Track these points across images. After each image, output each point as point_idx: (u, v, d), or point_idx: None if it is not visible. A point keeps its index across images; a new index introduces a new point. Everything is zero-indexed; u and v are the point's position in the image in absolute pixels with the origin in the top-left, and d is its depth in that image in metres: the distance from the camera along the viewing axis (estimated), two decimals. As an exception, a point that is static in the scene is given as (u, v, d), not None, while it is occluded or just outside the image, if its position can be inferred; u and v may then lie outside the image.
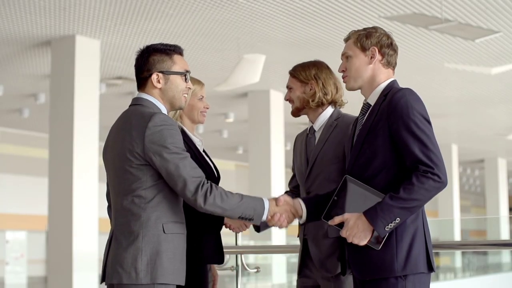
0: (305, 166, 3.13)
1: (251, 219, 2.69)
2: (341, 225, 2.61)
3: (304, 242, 3.10)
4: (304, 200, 2.85)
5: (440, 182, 2.50)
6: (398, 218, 2.49)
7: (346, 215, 2.59)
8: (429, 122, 2.59)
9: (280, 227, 2.79)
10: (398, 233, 2.55)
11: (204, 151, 3.22)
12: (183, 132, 3.10)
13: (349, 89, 2.82)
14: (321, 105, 3.13)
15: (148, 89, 2.76)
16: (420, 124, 2.55)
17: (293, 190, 3.30)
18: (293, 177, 3.30)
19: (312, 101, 3.11)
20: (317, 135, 3.13)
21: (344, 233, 2.58)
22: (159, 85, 2.75)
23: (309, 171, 3.08)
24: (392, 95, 2.62)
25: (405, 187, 2.50)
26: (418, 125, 2.54)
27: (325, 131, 3.10)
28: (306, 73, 3.14)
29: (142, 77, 2.77)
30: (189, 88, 2.82)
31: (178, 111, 3.11)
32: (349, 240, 2.58)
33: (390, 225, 2.50)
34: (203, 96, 3.19)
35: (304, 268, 3.13)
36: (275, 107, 11.88)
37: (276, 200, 2.80)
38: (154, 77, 2.74)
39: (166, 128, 2.61)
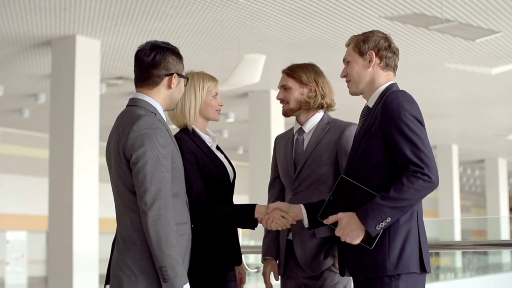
0: (292, 167, 3.13)
1: (165, 278, 2.50)
2: (336, 224, 2.63)
3: (288, 243, 3.12)
4: (306, 205, 2.87)
5: (430, 182, 2.52)
6: (389, 218, 2.51)
7: (339, 215, 2.62)
8: (421, 123, 2.60)
9: (270, 228, 2.87)
10: (390, 233, 2.57)
11: (218, 147, 3.21)
12: (193, 132, 3.09)
13: (352, 93, 2.85)
14: (319, 108, 3.15)
15: (160, 88, 2.72)
16: (412, 125, 2.56)
17: (277, 198, 3.25)
18: (274, 179, 3.29)
19: (313, 103, 3.12)
20: (307, 137, 3.14)
21: (337, 232, 2.61)
22: (173, 86, 2.73)
23: (298, 172, 3.10)
24: (386, 97, 2.65)
25: (395, 187, 2.52)
26: (409, 126, 2.56)
27: (316, 133, 3.12)
28: (307, 75, 3.13)
29: (158, 74, 2.71)
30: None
31: (197, 111, 3.07)
32: (343, 239, 2.60)
33: (381, 225, 2.52)
34: (217, 93, 3.15)
35: (287, 269, 3.14)
36: (276, 107, 11.86)
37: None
38: (173, 78, 2.72)
39: (149, 133, 2.58)
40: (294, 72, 3.16)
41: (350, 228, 2.56)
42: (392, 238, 2.56)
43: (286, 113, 3.20)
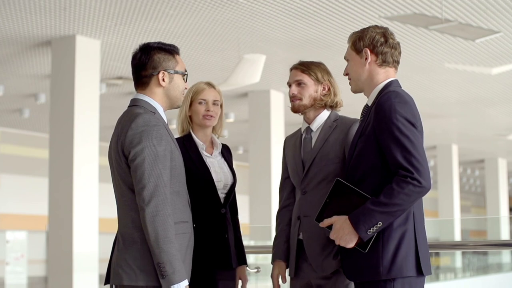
0: (300, 166, 3.10)
1: (163, 274, 2.49)
2: (331, 227, 2.62)
3: (299, 243, 3.09)
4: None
5: (421, 187, 2.48)
6: (380, 222, 2.49)
7: (334, 218, 2.60)
8: (414, 126, 2.54)
9: None
10: (384, 237, 2.54)
11: (224, 155, 3.26)
12: (189, 137, 3.18)
13: (354, 91, 2.82)
14: (332, 106, 3.14)
15: (151, 87, 2.73)
16: (403, 129, 2.51)
17: (288, 202, 3.22)
18: (285, 180, 3.25)
19: (330, 101, 3.11)
20: (314, 136, 3.12)
21: (332, 235, 2.60)
22: (164, 84, 2.73)
23: (307, 171, 3.06)
24: (380, 98, 2.61)
25: (385, 192, 2.49)
26: (400, 129, 2.51)
27: (324, 131, 3.09)
28: (322, 73, 3.11)
29: (146, 75, 2.73)
30: (185, 88, 2.82)
31: (182, 117, 3.21)
32: (337, 243, 2.59)
33: (373, 229, 2.50)
34: (203, 100, 3.20)
35: (299, 270, 3.12)
36: (275, 107, 11.88)
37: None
38: (160, 75, 2.72)
39: (146, 130, 2.58)
40: (309, 68, 3.12)
41: (343, 232, 2.55)
42: (385, 242, 2.54)
43: (298, 109, 3.13)
